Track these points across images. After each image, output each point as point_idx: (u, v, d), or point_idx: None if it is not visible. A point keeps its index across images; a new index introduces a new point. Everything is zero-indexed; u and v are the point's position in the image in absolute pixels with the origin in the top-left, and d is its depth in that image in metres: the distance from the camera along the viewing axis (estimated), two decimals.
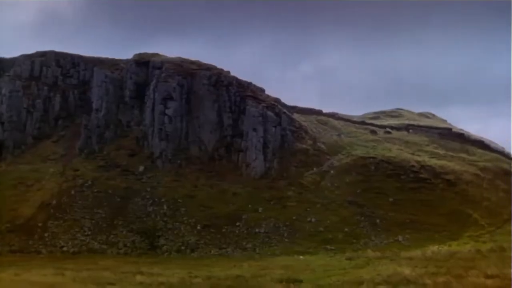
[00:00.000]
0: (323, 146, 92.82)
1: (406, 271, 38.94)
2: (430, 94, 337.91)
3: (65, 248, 66.93)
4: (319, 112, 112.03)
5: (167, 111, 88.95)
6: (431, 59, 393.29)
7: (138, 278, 39.89)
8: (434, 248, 60.75)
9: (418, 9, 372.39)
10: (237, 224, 71.95)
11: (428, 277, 35.55)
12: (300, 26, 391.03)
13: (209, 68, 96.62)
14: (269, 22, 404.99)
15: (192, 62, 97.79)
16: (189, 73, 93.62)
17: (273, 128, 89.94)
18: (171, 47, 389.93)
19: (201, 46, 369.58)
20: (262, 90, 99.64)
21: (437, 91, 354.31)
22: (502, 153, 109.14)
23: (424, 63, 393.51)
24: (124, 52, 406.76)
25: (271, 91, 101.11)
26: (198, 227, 71.38)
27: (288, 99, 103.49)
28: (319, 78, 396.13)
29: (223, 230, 70.83)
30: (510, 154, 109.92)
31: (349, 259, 54.34)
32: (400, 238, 69.13)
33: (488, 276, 35.09)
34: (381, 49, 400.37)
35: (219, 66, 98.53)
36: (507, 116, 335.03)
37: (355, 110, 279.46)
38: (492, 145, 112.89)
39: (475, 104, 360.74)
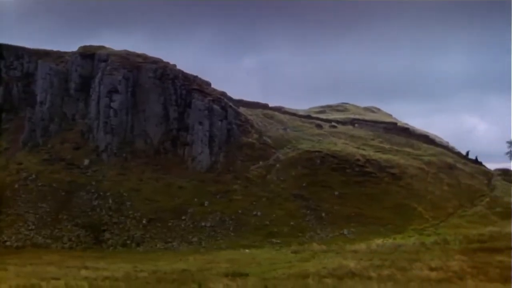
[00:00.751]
0: (269, 140, 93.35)
1: (351, 264, 39.75)
2: (375, 89, 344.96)
3: (8, 243, 65.87)
4: (265, 106, 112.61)
5: (112, 104, 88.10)
6: (377, 57, 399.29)
7: (83, 272, 39.75)
8: (379, 241, 61.89)
9: (363, 9, 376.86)
10: (183, 217, 71.98)
11: (373, 270, 36.35)
12: (243, 21, 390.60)
13: (155, 61, 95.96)
14: (212, 17, 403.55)
15: (138, 55, 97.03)
16: (134, 66, 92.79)
17: (219, 122, 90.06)
18: (117, 41, 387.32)
19: (146, 39, 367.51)
20: (208, 84, 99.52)
21: (383, 86, 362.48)
22: (446, 147, 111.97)
23: (370, 60, 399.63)
24: (69, 44, 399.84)
25: (216, 85, 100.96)
26: (144, 221, 71.18)
27: (232, 93, 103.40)
28: (262, 72, 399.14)
29: (169, 224, 70.79)
30: (454, 149, 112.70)
31: (295, 252, 55.04)
32: (346, 231, 70.16)
33: (432, 269, 36.17)
34: (326, 46, 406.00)
35: (165, 60, 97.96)
36: (449, 111, 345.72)
37: (301, 104, 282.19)
38: (437, 140, 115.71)
39: (418, 99, 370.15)
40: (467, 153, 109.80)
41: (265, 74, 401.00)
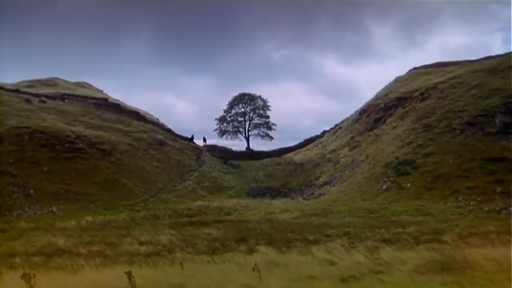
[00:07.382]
0: None
1: (61, 241, 39.27)
2: (84, 64, 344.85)
3: None
4: None
5: None
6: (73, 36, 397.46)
7: None
8: (89, 217, 61.92)
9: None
10: None
11: (82, 246, 36.28)
12: None
13: None
14: None
15: None
16: None
17: None
18: None
19: None
20: None
21: (85, 63, 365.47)
22: (156, 124, 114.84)
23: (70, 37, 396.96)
24: None
25: None
26: None
27: None
28: None
29: None
30: (164, 125, 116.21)
31: (1, 231, 52.78)
32: (55, 208, 68.36)
33: (141, 243, 37.21)
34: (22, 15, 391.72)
35: None
36: (145, 88, 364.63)
37: (8, 78, 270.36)
38: (147, 116, 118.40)
39: (112, 76, 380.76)
40: (192, 136, 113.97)
41: None
